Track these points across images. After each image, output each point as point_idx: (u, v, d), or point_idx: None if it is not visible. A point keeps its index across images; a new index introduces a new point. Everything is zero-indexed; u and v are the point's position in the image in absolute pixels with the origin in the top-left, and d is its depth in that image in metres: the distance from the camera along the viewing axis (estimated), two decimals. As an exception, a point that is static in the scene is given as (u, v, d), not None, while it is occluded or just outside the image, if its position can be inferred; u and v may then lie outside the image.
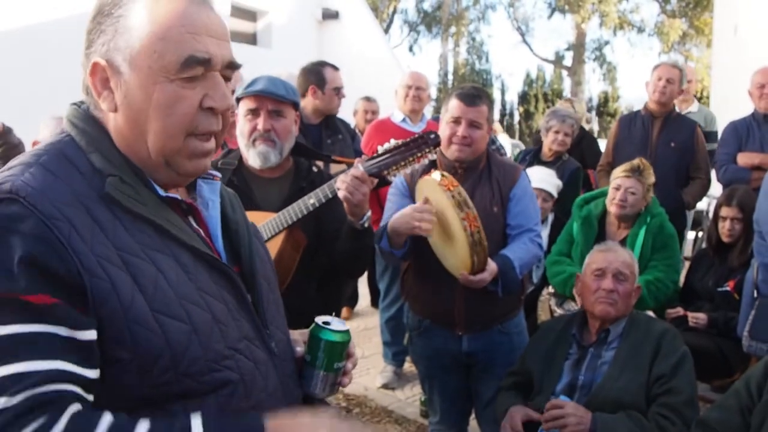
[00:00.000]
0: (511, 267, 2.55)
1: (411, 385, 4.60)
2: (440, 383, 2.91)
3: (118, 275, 1.01)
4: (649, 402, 2.31)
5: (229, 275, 1.17)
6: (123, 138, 1.11)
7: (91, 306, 0.99)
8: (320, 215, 2.31)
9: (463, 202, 2.35)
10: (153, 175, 1.13)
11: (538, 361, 2.57)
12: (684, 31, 25.89)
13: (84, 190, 1.05)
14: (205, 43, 1.08)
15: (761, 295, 3.06)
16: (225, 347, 1.11)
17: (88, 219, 1.02)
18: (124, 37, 1.06)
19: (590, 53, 28.40)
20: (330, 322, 1.33)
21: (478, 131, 2.65)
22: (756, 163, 4.26)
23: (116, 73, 1.08)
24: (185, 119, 1.08)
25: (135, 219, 1.07)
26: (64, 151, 1.09)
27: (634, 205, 3.56)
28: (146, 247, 1.06)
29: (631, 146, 4.45)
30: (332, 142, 4.14)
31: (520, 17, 29.24)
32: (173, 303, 1.05)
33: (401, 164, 2.19)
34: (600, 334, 2.54)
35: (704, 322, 3.42)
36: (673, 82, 4.48)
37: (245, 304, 1.19)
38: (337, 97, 4.14)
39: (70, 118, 1.14)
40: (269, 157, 2.36)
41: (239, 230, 1.29)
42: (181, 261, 1.10)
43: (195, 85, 1.08)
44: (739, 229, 3.62)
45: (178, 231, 1.12)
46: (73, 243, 0.98)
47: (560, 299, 3.65)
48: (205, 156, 1.14)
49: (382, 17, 26.71)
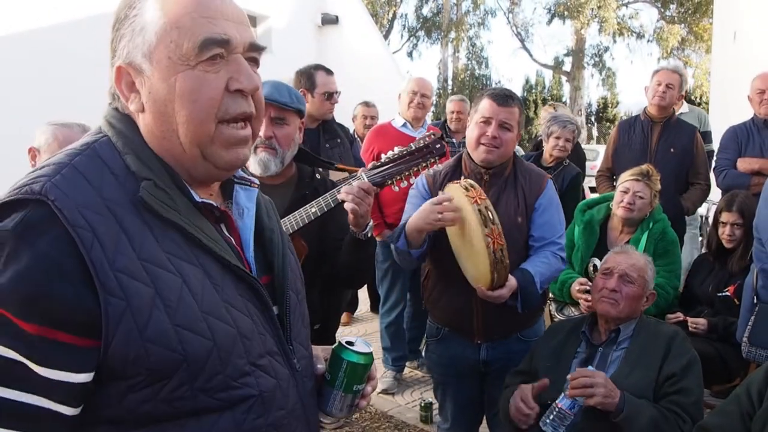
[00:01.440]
0: (531, 282, 2.49)
1: (411, 390, 4.60)
2: (454, 390, 2.88)
3: (137, 291, 0.98)
4: (657, 399, 2.31)
5: (256, 288, 1.14)
6: (155, 137, 1.09)
7: (102, 329, 0.96)
8: (322, 225, 2.29)
9: (489, 218, 2.29)
10: (191, 172, 1.11)
11: (546, 358, 2.56)
12: (683, 37, 25.96)
13: (115, 195, 1.02)
14: (222, 26, 1.06)
15: (760, 301, 3.06)
16: (246, 363, 1.08)
17: (115, 227, 0.99)
18: (141, 35, 1.06)
19: (589, 59, 28.49)
20: (354, 342, 1.30)
21: (509, 133, 2.58)
22: (756, 168, 4.26)
23: (139, 72, 1.07)
24: (212, 104, 1.06)
25: (166, 225, 1.05)
26: (99, 152, 1.07)
27: (641, 210, 3.57)
28: (174, 257, 1.03)
29: (631, 152, 4.45)
30: (331, 147, 4.13)
31: (519, 23, 29.34)
32: (196, 317, 1.02)
33: (405, 174, 2.16)
34: (610, 334, 2.54)
35: (704, 328, 3.42)
36: (673, 87, 4.48)
37: (271, 318, 1.17)
38: (328, 102, 4.10)
39: (108, 118, 1.13)
40: (269, 166, 2.33)
41: (273, 239, 1.26)
42: (209, 272, 1.07)
43: (218, 69, 1.06)
44: (739, 234, 3.62)
45: (209, 240, 1.08)
46: (94, 256, 0.96)
47: (560, 305, 3.65)
48: (242, 144, 1.11)
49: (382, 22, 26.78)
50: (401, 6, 29.66)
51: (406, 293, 4.71)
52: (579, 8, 25.13)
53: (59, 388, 0.96)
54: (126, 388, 1.00)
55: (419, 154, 2.18)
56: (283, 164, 2.35)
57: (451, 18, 28.56)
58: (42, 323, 0.93)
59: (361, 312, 6.48)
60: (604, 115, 30.02)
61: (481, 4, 28.71)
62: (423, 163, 2.18)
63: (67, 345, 0.95)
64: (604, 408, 2.22)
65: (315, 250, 2.31)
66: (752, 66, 5.09)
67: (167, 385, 1.01)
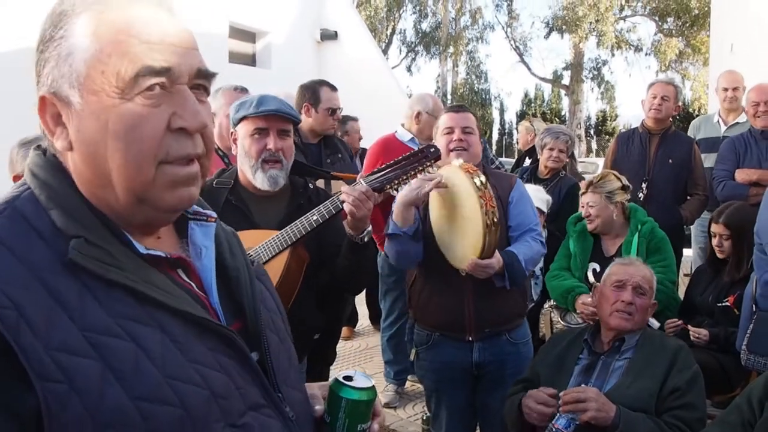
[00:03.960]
0: (516, 260, 2.64)
1: (413, 404, 4.60)
2: (447, 398, 2.91)
3: (82, 368, 0.82)
4: (659, 412, 2.30)
5: (228, 337, 0.98)
6: (84, 182, 0.95)
7: (45, 425, 0.80)
8: (320, 231, 2.31)
9: (482, 184, 2.44)
10: (130, 220, 0.96)
11: (548, 366, 2.57)
12: (681, 49, 26.11)
13: (43, 260, 0.87)
14: (163, 52, 0.91)
15: (760, 310, 3.06)
16: (226, 425, 0.93)
17: (46, 300, 0.84)
18: (68, 61, 0.91)
19: (588, 72, 28.63)
20: (352, 377, 1.16)
21: (472, 136, 2.84)
22: (754, 179, 4.28)
23: (66, 104, 0.92)
24: (152, 144, 0.91)
25: (109, 286, 0.89)
26: (22, 210, 0.91)
27: (600, 215, 3.62)
28: (124, 320, 0.88)
29: (629, 163, 4.48)
30: (332, 162, 4.15)
31: (517, 37, 29.50)
32: (159, 384, 0.87)
33: (402, 178, 2.21)
34: (614, 343, 2.55)
35: (706, 338, 3.42)
36: (669, 99, 4.52)
37: (250, 367, 1.01)
38: (331, 117, 4.13)
39: (31, 166, 0.97)
40: (278, 181, 2.35)
41: (240, 278, 1.10)
42: (169, 331, 0.91)
43: (158, 103, 0.91)
44: (728, 246, 3.64)
45: (163, 295, 0.93)
46: (21, 339, 0.80)
47: (562, 312, 3.67)
48: (188, 183, 0.96)
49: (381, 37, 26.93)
50: (400, 21, 29.87)
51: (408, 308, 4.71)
52: (577, 22, 25.30)
53: None
54: None
55: (415, 159, 2.22)
56: (287, 175, 2.37)
57: (449, 32, 28.73)
58: None
59: (362, 326, 6.47)
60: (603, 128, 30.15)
61: (479, 18, 28.93)
62: (419, 166, 2.22)
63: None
64: (598, 423, 2.22)
65: (314, 257, 2.33)
66: (750, 78, 5.13)
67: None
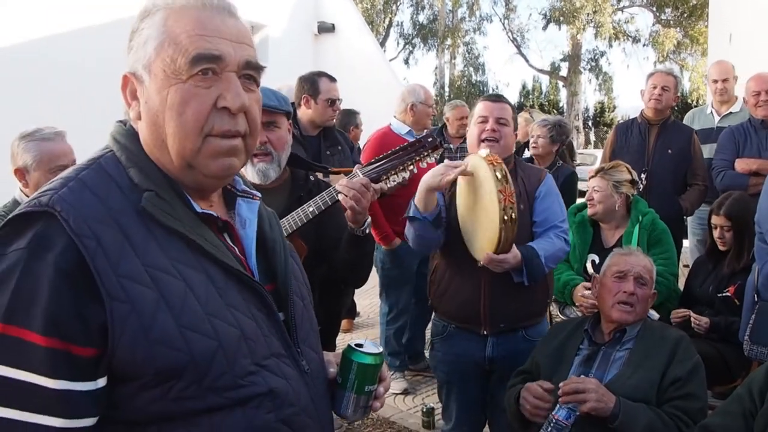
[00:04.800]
0: (535, 255, 2.62)
1: (413, 396, 4.60)
2: (459, 390, 2.90)
3: (142, 294, 1.02)
4: (660, 403, 2.30)
5: (260, 292, 1.17)
6: (148, 146, 1.15)
7: (109, 336, 1.01)
8: (320, 224, 2.30)
9: (503, 177, 2.42)
10: (184, 182, 1.15)
11: (548, 357, 2.56)
12: (679, 40, 26.07)
13: (120, 206, 1.07)
14: (216, 43, 1.09)
15: (761, 299, 3.06)
16: (251, 363, 1.12)
17: (119, 236, 1.04)
18: (144, 48, 1.11)
19: (586, 64, 28.59)
20: (363, 344, 1.33)
21: (506, 128, 2.78)
22: (754, 168, 4.27)
23: (140, 82, 1.13)
24: (198, 118, 1.09)
25: (170, 234, 1.09)
26: (105, 167, 1.12)
27: (603, 201, 3.62)
28: (178, 263, 1.08)
29: (628, 154, 4.46)
30: (331, 154, 4.13)
31: (515, 29, 29.44)
32: (201, 318, 1.06)
33: (399, 169, 2.19)
34: (615, 334, 2.54)
35: (706, 326, 3.43)
36: (669, 89, 4.51)
37: (276, 322, 1.19)
38: (330, 108, 4.11)
39: (114, 134, 1.18)
40: (269, 174, 2.33)
41: (276, 248, 1.30)
42: (213, 277, 1.11)
43: (209, 85, 1.09)
44: (729, 237, 3.64)
45: (211, 247, 1.12)
46: (98, 263, 1.00)
47: (561, 305, 3.67)
48: (229, 155, 1.14)
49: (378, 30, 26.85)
50: (397, 13, 29.78)
51: (411, 300, 4.73)
52: (574, 13, 25.24)
53: (74, 400, 1.00)
54: (135, 390, 1.04)
55: (412, 149, 2.20)
56: (281, 168, 2.36)
57: (447, 25, 28.65)
58: (52, 335, 0.98)
59: (361, 319, 6.48)
60: (601, 120, 30.13)
61: (476, 10, 28.84)
62: (416, 156, 2.20)
63: (78, 356, 1.00)
64: (598, 414, 2.21)
65: (313, 250, 2.32)
66: (748, 68, 5.11)
67: (176, 385, 1.05)
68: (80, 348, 1.00)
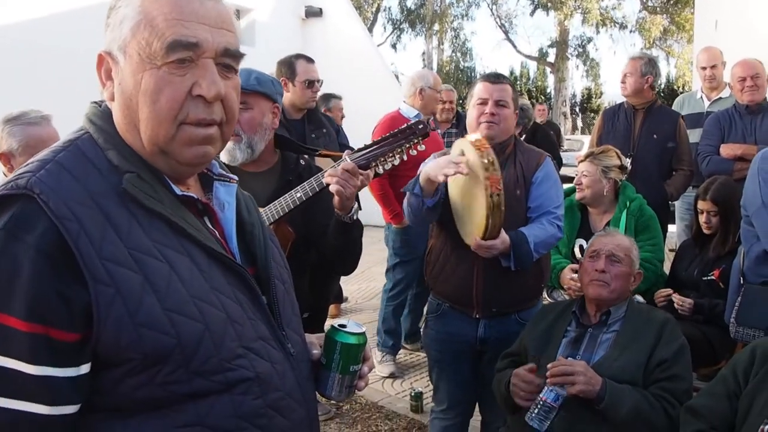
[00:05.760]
0: (524, 241, 2.60)
1: (401, 380, 4.62)
2: (450, 370, 2.91)
3: (126, 277, 1.01)
4: (646, 384, 2.32)
5: (243, 276, 1.17)
6: (120, 127, 1.12)
7: (94, 320, 0.99)
8: (308, 210, 2.28)
9: (490, 164, 2.40)
10: (156, 165, 1.12)
11: (535, 339, 2.57)
12: (665, 27, 26.12)
13: (100, 188, 1.05)
14: (194, 29, 1.06)
15: (747, 282, 3.09)
16: (239, 346, 1.11)
17: (100, 218, 1.02)
18: (120, 27, 1.08)
19: (573, 50, 28.56)
20: (346, 324, 1.34)
21: (506, 110, 2.73)
22: (738, 154, 4.29)
23: (115, 62, 1.10)
24: (173, 106, 1.06)
25: (151, 216, 1.07)
26: (82, 149, 1.09)
27: (592, 186, 3.63)
28: (161, 245, 1.06)
29: (615, 139, 4.45)
30: (316, 137, 4.13)
31: (503, 14, 29.36)
32: (186, 301, 1.05)
33: (389, 155, 2.16)
34: (601, 316, 2.55)
35: (690, 307, 3.46)
36: (633, 74, 4.47)
37: (260, 305, 1.19)
38: (309, 90, 4.10)
39: (89, 116, 1.16)
40: (235, 155, 2.29)
41: (254, 232, 1.28)
42: (196, 260, 1.10)
43: (184, 72, 1.06)
44: (715, 222, 3.66)
45: (194, 230, 1.11)
46: (81, 246, 0.98)
47: (549, 288, 3.69)
48: (204, 143, 1.11)
49: (366, 15, 26.67)
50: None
51: (416, 278, 4.72)
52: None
53: (56, 387, 0.98)
54: (121, 375, 1.03)
55: (402, 136, 2.17)
56: (253, 150, 2.32)
57: (434, 10, 28.52)
58: (33, 320, 0.96)
59: (349, 304, 6.49)
60: (588, 106, 30.20)
61: (464, -5, 28.69)
62: (406, 143, 2.17)
63: (60, 341, 0.98)
64: (585, 396, 2.23)
65: (301, 236, 2.30)
66: (734, 54, 5.13)
67: (163, 369, 1.03)
68: (63, 333, 0.98)
